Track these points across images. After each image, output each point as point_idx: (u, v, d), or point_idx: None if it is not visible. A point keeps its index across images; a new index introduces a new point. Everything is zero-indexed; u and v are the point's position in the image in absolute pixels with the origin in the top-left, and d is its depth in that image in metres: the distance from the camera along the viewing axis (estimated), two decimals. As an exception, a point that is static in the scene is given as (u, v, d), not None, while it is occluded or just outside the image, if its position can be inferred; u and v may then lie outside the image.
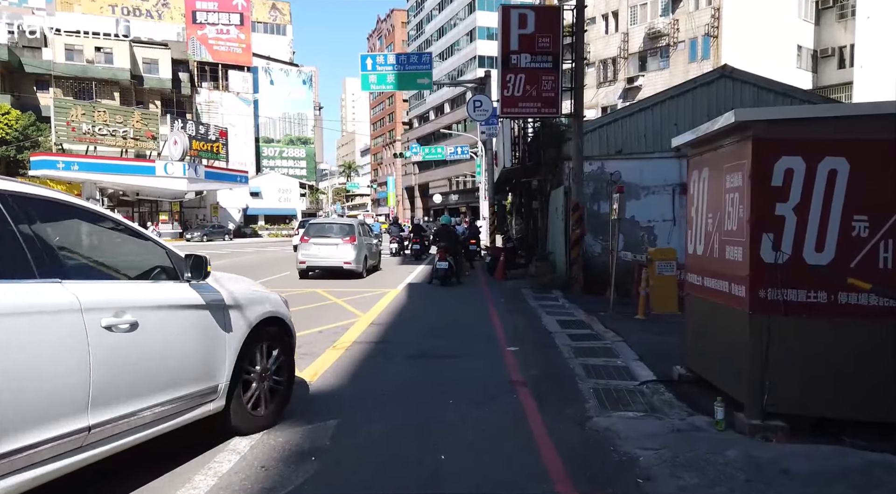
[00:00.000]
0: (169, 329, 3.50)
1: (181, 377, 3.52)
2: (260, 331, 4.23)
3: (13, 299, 2.62)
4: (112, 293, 3.17)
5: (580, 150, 12.65)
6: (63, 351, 2.80)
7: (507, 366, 6.39)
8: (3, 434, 2.47)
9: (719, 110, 15.46)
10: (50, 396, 2.72)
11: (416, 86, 21.21)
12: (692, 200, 5.58)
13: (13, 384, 2.55)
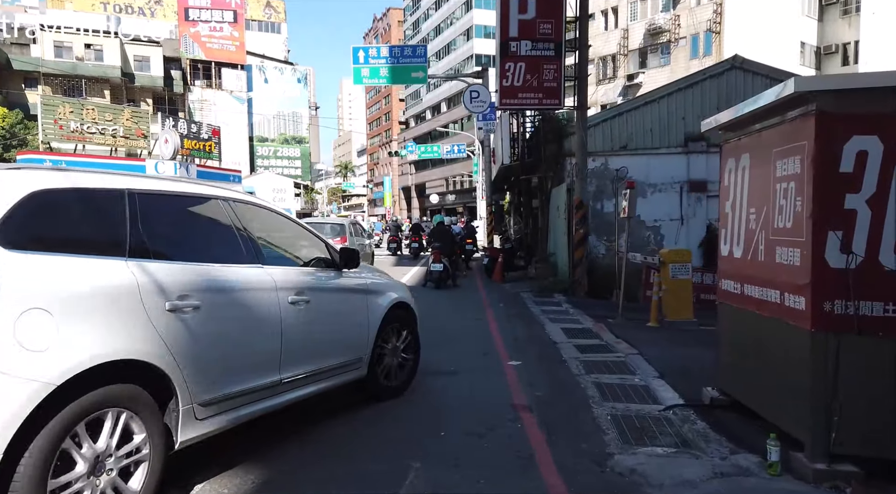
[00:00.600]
0: (330, 308, 4.27)
1: (338, 347, 4.32)
2: (392, 314, 4.92)
3: (242, 277, 3.47)
4: (293, 276, 3.97)
5: (584, 144, 11.83)
6: (266, 319, 3.58)
7: (509, 385, 5.54)
8: (234, 379, 3.30)
9: (730, 102, 14.63)
10: (260, 353, 3.54)
11: (410, 80, 20.35)
12: (726, 193, 4.75)
13: (242, 342, 3.40)
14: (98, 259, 2.77)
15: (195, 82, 61.35)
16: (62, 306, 2.51)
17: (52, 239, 2.68)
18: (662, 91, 15.00)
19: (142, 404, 2.79)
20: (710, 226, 14.75)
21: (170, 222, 3.35)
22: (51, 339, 2.44)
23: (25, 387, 2.33)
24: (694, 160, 14.57)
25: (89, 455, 2.56)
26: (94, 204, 2.94)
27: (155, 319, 2.86)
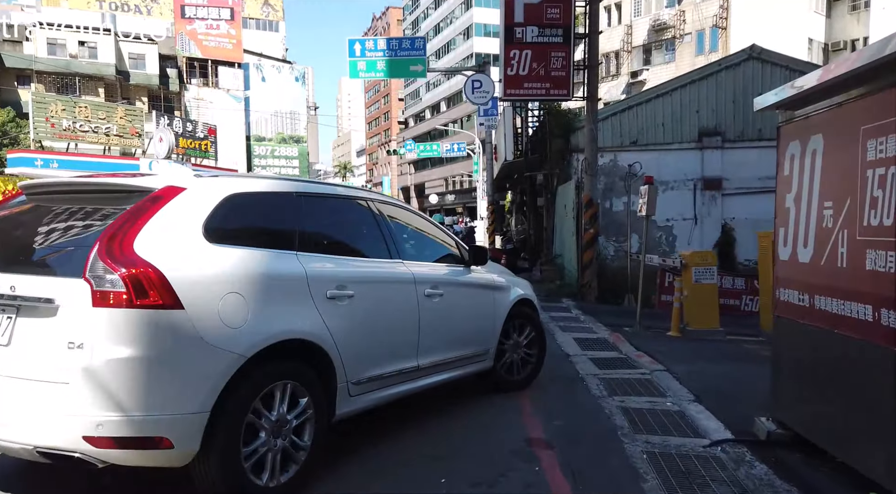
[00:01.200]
0: (461, 301, 4.50)
1: (467, 338, 4.56)
2: (516, 310, 5.07)
3: (386, 271, 3.90)
4: (428, 271, 4.26)
5: (594, 138, 11.01)
6: (406, 310, 3.94)
7: (522, 412, 4.72)
8: (380, 362, 3.69)
9: (746, 95, 13.83)
10: (401, 340, 3.92)
11: (408, 73, 19.52)
12: (787, 184, 3.94)
13: (386, 330, 3.79)
14: (276, 252, 3.19)
15: (191, 81, 60.48)
16: (251, 291, 2.92)
17: (242, 235, 3.11)
18: (675, 83, 14.19)
19: (308, 378, 3.15)
20: (726, 226, 13.95)
21: (328, 220, 3.78)
22: (244, 318, 2.84)
23: (226, 357, 2.73)
24: (708, 156, 13.75)
25: (270, 421, 2.93)
26: (273, 205, 3.39)
27: (319, 305, 3.24)
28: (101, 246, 2.57)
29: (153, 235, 2.69)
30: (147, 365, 2.55)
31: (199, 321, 2.66)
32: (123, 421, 2.49)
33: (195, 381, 2.66)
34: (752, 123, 13.67)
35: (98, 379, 2.48)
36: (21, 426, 2.57)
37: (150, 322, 2.56)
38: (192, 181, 3.04)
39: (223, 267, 2.86)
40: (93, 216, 2.92)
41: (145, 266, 2.57)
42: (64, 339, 2.52)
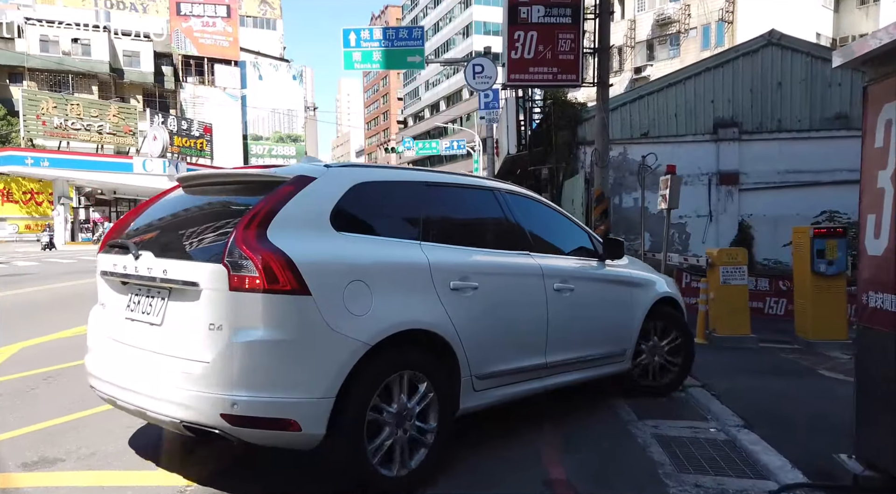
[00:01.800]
0: (593, 297, 4.32)
1: (601, 337, 4.36)
2: (657, 309, 4.73)
3: (513, 263, 3.76)
4: (558, 264, 4.11)
5: (606, 127, 10.16)
6: (533, 304, 3.79)
7: (538, 442, 3.87)
8: (505, 357, 3.56)
9: (765, 83, 13.01)
10: (528, 335, 3.76)
11: (406, 65, 18.68)
12: (880, 159, 3.08)
13: (512, 324, 3.63)
14: (400, 241, 3.18)
15: (187, 79, 59.66)
16: (375, 279, 2.93)
17: (368, 223, 3.16)
18: (689, 71, 13.35)
19: (431, 369, 3.10)
20: (743, 223, 13.12)
21: (453, 210, 3.72)
22: (368, 306, 2.86)
23: (350, 345, 2.76)
24: (724, 149, 12.91)
25: (394, 409, 2.94)
26: (399, 194, 3.39)
27: (442, 296, 3.18)
28: (238, 233, 2.68)
29: (285, 223, 2.77)
30: (276, 348, 2.63)
31: (325, 308, 2.71)
32: (255, 402, 2.59)
33: (321, 366, 2.70)
34: (771, 113, 12.85)
35: (234, 360, 2.61)
36: (170, 401, 2.71)
37: (279, 307, 2.64)
38: (321, 171, 3.11)
39: (349, 255, 2.91)
40: (234, 205, 3.06)
41: (277, 253, 2.65)
42: (206, 320, 2.69)
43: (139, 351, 2.95)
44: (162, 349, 2.84)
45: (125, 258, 3.09)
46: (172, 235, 3.19)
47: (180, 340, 2.78)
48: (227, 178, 3.44)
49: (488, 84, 12.78)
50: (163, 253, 2.95)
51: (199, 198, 3.37)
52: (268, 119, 66.01)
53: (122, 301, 3.16)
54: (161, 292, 2.93)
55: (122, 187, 42.75)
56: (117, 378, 2.99)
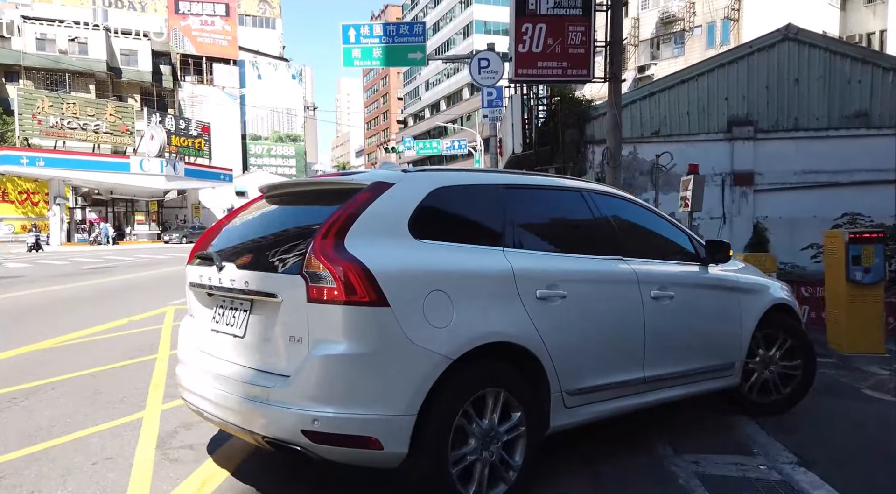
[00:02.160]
0: (696, 305, 3.98)
1: (705, 348, 4.00)
2: (770, 317, 4.36)
3: (604, 269, 3.50)
4: (655, 270, 3.78)
5: (618, 124, 9.66)
6: (628, 313, 3.51)
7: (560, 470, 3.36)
8: (598, 371, 3.32)
9: (782, 79, 12.49)
10: (623, 347, 3.49)
11: (406, 61, 18.16)
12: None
13: (605, 335, 3.39)
14: (482, 248, 3.04)
15: (185, 78, 59.13)
16: (456, 289, 2.77)
17: (447, 230, 3.01)
18: (702, 67, 12.85)
19: (518, 384, 2.94)
20: (758, 225, 12.60)
21: (537, 213, 3.54)
22: (449, 318, 2.71)
23: (431, 359, 2.62)
24: (739, 148, 12.41)
25: (478, 431, 2.77)
26: (479, 198, 3.24)
27: (528, 306, 3.00)
28: (316, 243, 2.63)
29: (363, 231, 2.70)
30: (355, 362, 2.56)
31: (404, 320, 2.61)
32: (336, 418, 2.52)
33: (401, 382, 2.60)
34: (788, 111, 12.36)
35: (314, 374, 2.56)
36: (252, 415, 2.67)
37: (358, 319, 2.56)
38: (399, 177, 3.02)
39: (428, 264, 2.80)
40: (313, 214, 2.99)
41: (354, 263, 2.58)
42: (286, 333, 2.66)
43: (223, 363, 2.95)
44: (245, 361, 2.85)
45: (210, 270, 3.09)
46: (253, 246, 3.16)
47: (262, 352, 2.79)
48: (306, 186, 3.44)
49: (494, 79, 12.26)
50: (244, 264, 2.95)
51: (279, 208, 3.36)
52: (267, 119, 65.53)
53: (208, 313, 3.18)
54: (243, 304, 2.93)
55: (118, 187, 42.26)
56: (204, 390, 2.95)
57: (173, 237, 41.97)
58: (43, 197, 39.88)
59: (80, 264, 20.83)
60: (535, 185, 3.56)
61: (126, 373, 5.60)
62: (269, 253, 2.95)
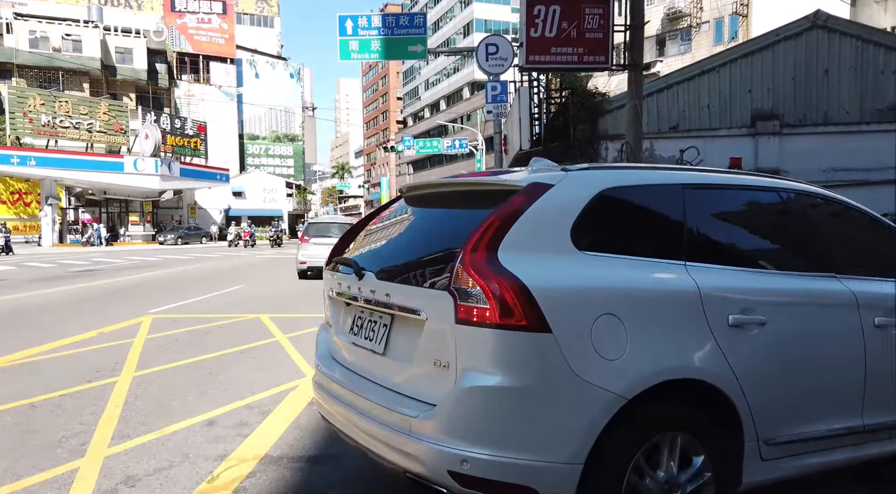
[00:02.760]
0: None
1: None
2: None
3: (813, 289, 2.82)
4: (879, 291, 3.01)
5: (639, 116, 8.82)
6: (844, 345, 2.83)
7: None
8: (804, 416, 2.71)
9: (810, 70, 11.67)
10: (836, 387, 2.81)
11: (406, 54, 17.32)
12: None
13: (813, 372, 2.71)
14: (660, 262, 2.54)
15: (182, 77, 58.22)
16: (630, 313, 2.34)
17: (617, 240, 2.57)
18: (723, 57, 12.03)
19: (705, 431, 2.46)
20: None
21: (725, 219, 2.96)
22: (622, 347, 2.29)
23: (601, 398, 2.22)
24: (764, 144, 11.58)
25: (656, 482, 2.36)
26: (654, 202, 2.75)
27: (717, 334, 2.48)
28: (465, 255, 2.30)
29: (518, 241, 2.32)
30: (510, 398, 2.19)
31: (568, 349, 2.21)
32: (488, 461, 2.18)
33: (566, 424, 2.20)
34: (816, 104, 11.54)
35: (463, 407, 2.22)
36: (392, 445, 2.38)
37: (514, 346, 2.21)
38: (559, 177, 2.58)
39: (596, 281, 2.34)
40: (460, 220, 2.69)
41: (510, 280, 2.22)
42: (431, 355, 2.36)
43: (362, 380, 2.71)
44: (385, 381, 2.59)
45: (349, 278, 2.87)
46: (395, 254, 2.92)
47: (404, 374, 2.51)
48: (450, 187, 3.03)
49: (504, 67, 11.38)
50: (385, 274, 2.69)
51: (421, 211, 3.06)
52: (265, 118, 64.63)
53: (346, 323, 2.97)
54: (383, 318, 2.67)
55: (112, 187, 41.41)
56: (340, 407, 2.73)
57: (168, 239, 41.10)
58: (35, 197, 39.03)
59: (67, 266, 19.99)
60: (721, 184, 2.97)
61: (75, 402, 4.74)
62: (411, 264, 2.67)
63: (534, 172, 2.68)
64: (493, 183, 2.76)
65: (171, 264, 20.81)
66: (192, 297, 11.36)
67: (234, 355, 6.46)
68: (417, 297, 2.46)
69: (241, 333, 7.73)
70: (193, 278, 15.47)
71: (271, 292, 12.49)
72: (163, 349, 6.74)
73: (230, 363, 6.06)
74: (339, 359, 2.99)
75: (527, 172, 2.70)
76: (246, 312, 9.48)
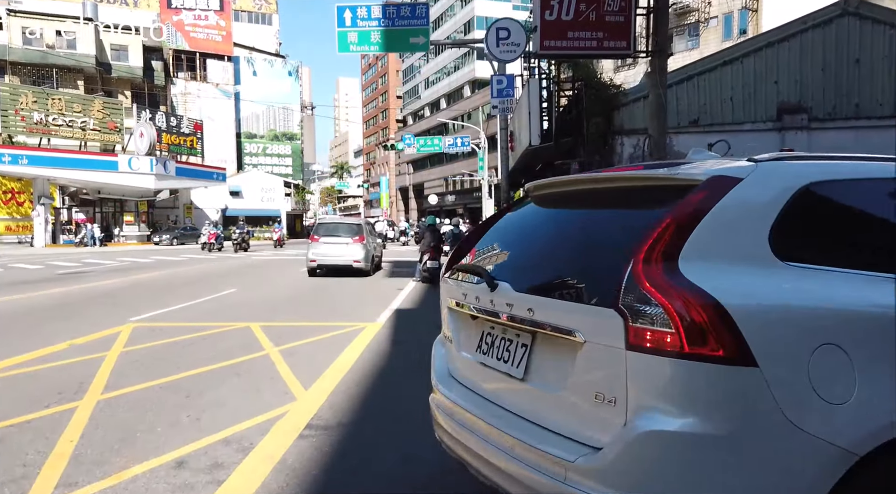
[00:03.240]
0: None
1: None
2: None
3: None
4: None
5: (663, 106, 8.10)
6: None
7: None
8: None
9: (840, 60, 10.96)
10: None
11: (408, 46, 16.53)
12: None
13: None
14: (886, 277, 1.97)
15: (178, 74, 57.44)
16: (857, 343, 1.83)
17: (830, 248, 2.05)
18: (747, 47, 11.30)
19: None
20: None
21: None
22: (849, 387, 1.78)
23: (824, 453, 1.73)
24: (791, 139, 10.86)
25: None
26: (870, 200, 2.18)
27: None
28: (637, 265, 1.86)
29: (702, 249, 1.88)
30: (703, 449, 1.74)
31: (779, 388, 1.72)
32: None
33: (778, 484, 1.72)
34: (847, 96, 10.82)
35: (639, 455, 1.79)
36: (543, 491, 1.99)
37: (707, 382, 1.74)
38: (747, 169, 2.07)
39: (810, 300, 1.84)
40: (622, 222, 2.26)
41: (699, 296, 1.76)
42: (590, 387, 1.94)
43: (496, 409, 2.30)
44: (527, 412, 2.16)
45: (477, 288, 2.49)
46: (534, 262, 2.48)
47: (552, 406, 2.07)
48: (597, 184, 2.54)
49: (515, 53, 10.58)
50: (525, 286, 2.26)
51: (560, 212, 2.67)
52: (262, 116, 63.87)
53: (471, 339, 2.60)
54: (521, 337, 2.27)
55: (106, 187, 40.63)
56: (471, 439, 2.33)
57: (163, 239, 40.32)
58: (28, 197, 38.24)
59: (54, 268, 19.25)
60: None
61: (22, 436, 4.00)
62: (559, 275, 2.29)
63: (707, 163, 2.21)
64: (661, 177, 2.30)
65: (164, 266, 20.06)
66: (180, 302, 10.62)
67: (217, 372, 5.71)
68: (572, 314, 2.03)
69: (227, 345, 6.99)
70: (184, 282, 14.72)
71: (265, 296, 11.75)
72: (138, 364, 6.00)
73: (211, 383, 5.32)
74: (463, 380, 2.64)
75: (699, 164, 2.23)
76: (235, 320, 8.73)
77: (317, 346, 6.97)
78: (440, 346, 2.97)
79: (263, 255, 28.65)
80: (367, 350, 6.73)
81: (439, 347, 2.97)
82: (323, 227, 16.77)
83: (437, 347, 2.99)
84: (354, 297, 11.82)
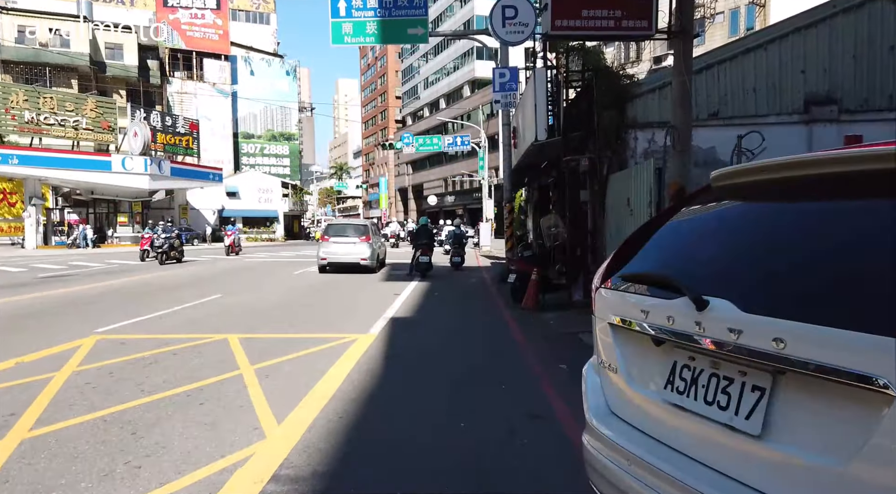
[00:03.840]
0: None
1: None
2: None
3: None
4: None
5: (688, 94, 7.26)
6: None
7: None
8: None
9: (873, 47, 10.10)
10: None
11: (406, 38, 15.69)
12: None
13: None
14: None
15: (174, 73, 56.63)
16: None
17: None
18: (771, 33, 10.45)
19: None
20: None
21: None
22: None
23: None
24: (819, 133, 10.02)
25: None
26: None
27: None
28: None
29: None
30: None
31: None
32: None
33: None
34: (881, 87, 9.98)
35: None
36: None
37: None
38: None
39: None
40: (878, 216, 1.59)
41: None
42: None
43: (701, 469, 1.70)
44: (767, 485, 1.54)
45: (670, 305, 1.87)
46: (773, 274, 1.73)
47: (821, 482, 1.45)
48: (829, 167, 1.70)
49: (524, 34, 9.70)
50: (764, 306, 1.60)
51: (774, 206, 1.90)
52: (260, 116, 63.02)
53: (653, 371, 1.99)
54: (751, 376, 1.64)
55: (100, 187, 39.75)
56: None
57: (158, 240, 39.41)
58: (20, 197, 37.34)
59: (38, 271, 18.40)
60: None
61: None
62: (831, 291, 1.53)
63: None
64: None
65: (152, 269, 19.20)
66: (157, 310, 9.77)
67: (177, 399, 4.86)
68: (871, 353, 1.36)
69: (198, 362, 6.14)
70: (168, 286, 13.86)
71: (249, 303, 10.89)
72: (87, 388, 5.15)
73: (168, 414, 4.47)
74: (635, 422, 2.07)
75: None
76: (212, 331, 7.88)
77: (299, 364, 6.12)
78: (594, 373, 2.38)
79: (258, 257, 27.79)
80: (357, 370, 5.88)
81: (593, 374, 2.39)
82: (333, 228, 17.84)
83: (590, 373, 2.41)
84: (348, 302, 10.96)
